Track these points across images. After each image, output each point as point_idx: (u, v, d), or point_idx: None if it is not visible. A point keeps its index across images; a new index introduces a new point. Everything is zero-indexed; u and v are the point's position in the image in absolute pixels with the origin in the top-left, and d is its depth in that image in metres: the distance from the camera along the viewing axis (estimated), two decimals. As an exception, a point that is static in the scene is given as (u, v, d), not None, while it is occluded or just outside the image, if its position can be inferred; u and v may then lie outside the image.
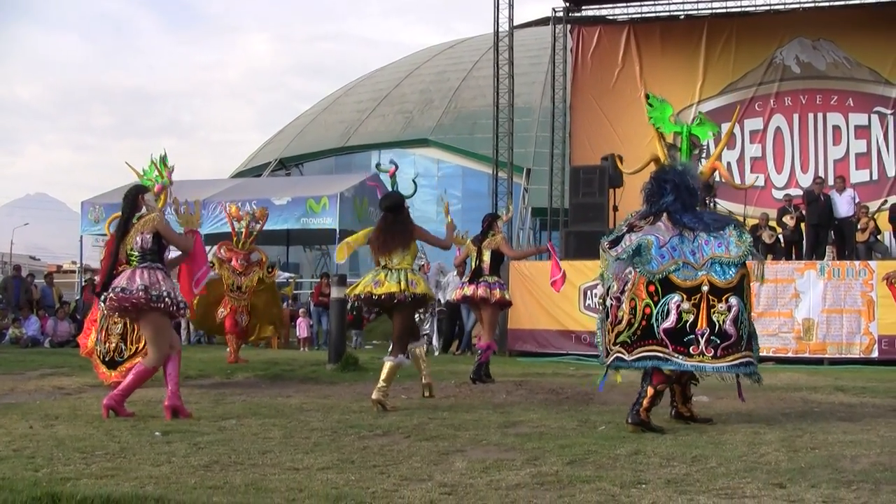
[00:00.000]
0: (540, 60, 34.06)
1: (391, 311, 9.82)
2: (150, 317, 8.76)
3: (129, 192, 9.07)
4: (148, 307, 8.67)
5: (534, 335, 18.69)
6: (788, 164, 24.75)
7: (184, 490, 5.34)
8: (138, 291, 8.62)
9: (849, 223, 20.20)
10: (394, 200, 10.10)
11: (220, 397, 10.35)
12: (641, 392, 7.97)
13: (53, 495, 4.83)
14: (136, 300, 8.61)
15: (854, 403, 10.12)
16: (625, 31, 26.34)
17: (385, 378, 9.43)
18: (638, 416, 7.88)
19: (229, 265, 15.72)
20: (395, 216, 9.95)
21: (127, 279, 8.70)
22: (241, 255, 15.79)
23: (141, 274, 8.72)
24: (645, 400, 7.89)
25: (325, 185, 26.25)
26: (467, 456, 6.59)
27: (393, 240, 9.79)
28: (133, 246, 8.82)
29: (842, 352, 17.02)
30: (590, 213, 20.07)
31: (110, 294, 8.68)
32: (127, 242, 8.85)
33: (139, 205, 8.98)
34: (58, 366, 14.19)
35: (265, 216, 16.63)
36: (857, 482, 5.61)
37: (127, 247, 8.85)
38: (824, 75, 24.89)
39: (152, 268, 8.81)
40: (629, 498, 5.23)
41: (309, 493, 5.30)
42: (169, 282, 8.87)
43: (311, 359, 16.41)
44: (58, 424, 8.08)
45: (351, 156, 39.27)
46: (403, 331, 9.81)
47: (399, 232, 9.85)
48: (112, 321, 11.32)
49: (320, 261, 36.57)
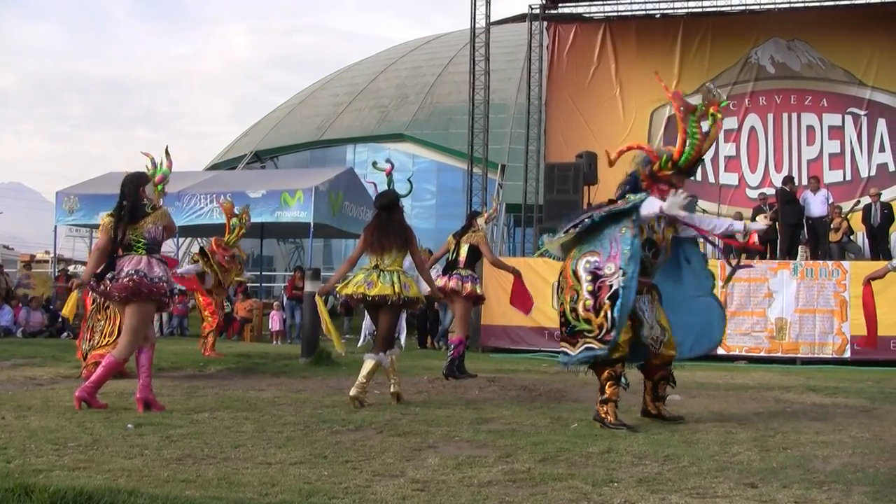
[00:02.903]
0: (516, 57, 34.09)
1: (378, 309, 9.71)
2: (146, 307, 8.75)
3: (131, 180, 8.97)
4: (158, 296, 8.71)
5: (507, 331, 18.72)
6: (762, 164, 24.85)
7: (156, 483, 5.32)
8: (161, 281, 8.68)
9: (822, 223, 20.32)
10: (389, 199, 9.97)
11: (192, 390, 10.32)
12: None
13: (26, 487, 4.79)
14: (158, 289, 8.66)
15: (826, 404, 10.17)
16: (601, 30, 26.40)
17: (365, 375, 9.38)
18: (597, 413, 8.01)
19: (216, 260, 15.67)
20: (389, 215, 9.77)
21: (146, 266, 8.67)
22: (228, 253, 15.74)
23: (158, 264, 8.76)
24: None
25: (299, 179, 26.16)
26: (440, 452, 6.59)
27: (388, 239, 9.62)
28: (145, 234, 8.78)
29: (814, 352, 17.14)
30: (564, 210, 19.98)
31: (131, 277, 8.60)
32: (139, 229, 8.79)
33: (142, 194, 8.93)
34: (30, 356, 14.12)
35: (247, 213, 16.68)
36: (828, 483, 5.63)
37: (136, 233, 8.78)
38: (799, 76, 25.02)
39: (161, 260, 8.84)
40: (601, 496, 5.23)
41: (281, 488, 5.28)
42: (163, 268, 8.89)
43: (284, 352, 16.39)
44: (30, 416, 8.02)
45: (326, 149, 39.22)
46: (389, 330, 9.72)
47: (395, 232, 9.68)
48: (97, 318, 11.33)
49: (294, 254, 36.53)
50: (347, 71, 46.30)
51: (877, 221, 20.29)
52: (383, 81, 41.69)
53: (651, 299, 8.27)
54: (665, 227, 8.26)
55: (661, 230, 8.23)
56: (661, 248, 8.26)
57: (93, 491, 4.81)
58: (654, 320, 8.20)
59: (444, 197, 34.32)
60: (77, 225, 28.16)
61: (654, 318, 8.21)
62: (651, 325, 8.19)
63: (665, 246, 8.29)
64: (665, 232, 8.27)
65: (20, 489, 4.75)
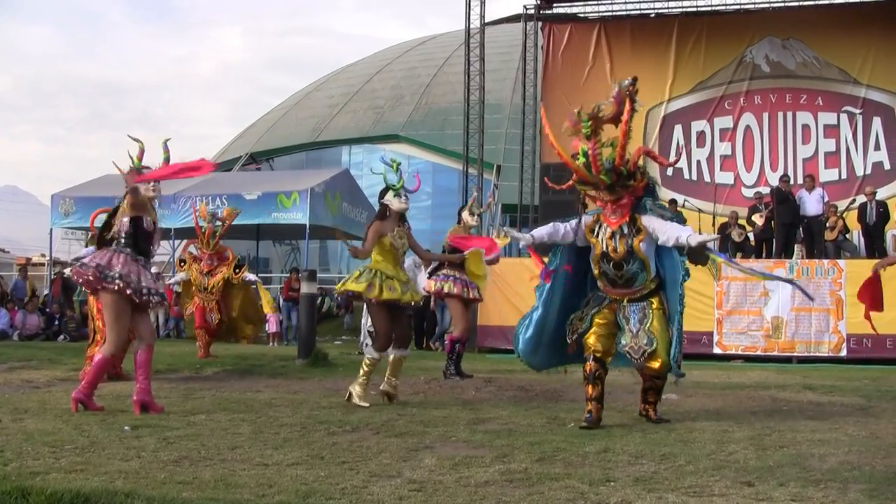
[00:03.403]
0: (511, 57, 34.06)
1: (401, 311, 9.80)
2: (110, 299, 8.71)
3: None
4: (99, 286, 8.67)
5: (503, 331, 18.68)
6: (758, 163, 24.83)
7: (153, 485, 5.32)
8: (105, 277, 8.62)
9: (818, 222, 20.33)
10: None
11: (189, 392, 10.32)
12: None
13: (23, 490, 4.80)
14: (94, 281, 8.66)
15: (822, 402, 10.18)
16: (596, 29, 26.34)
17: (391, 371, 9.64)
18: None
19: (199, 264, 15.63)
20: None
21: (107, 259, 8.70)
22: (207, 255, 15.64)
23: (124, 260, 8.74)
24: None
25: (295, 181, 26.16)
26: (436, 452, 6.59)
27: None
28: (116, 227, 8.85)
29: (810, 350, 17.15)
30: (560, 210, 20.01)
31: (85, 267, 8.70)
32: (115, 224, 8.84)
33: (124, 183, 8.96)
34: (26, 359, 14.11)
35: (233, 216, 16.51)
36: (825, 481, 5.64)
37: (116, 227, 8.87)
38: (794, 74, 24.98)
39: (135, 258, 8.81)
40: (598, 496, 5.24)
41: (278, 489, 5.29)
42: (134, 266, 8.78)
43: (281, 354, 16.37)
44: (27, 418, 8.03)
45: (321, 151, 39.20)
46: (407, 327, 9.85)
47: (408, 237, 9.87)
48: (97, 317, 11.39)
49: (290, 256, 36.50)
50: (342, 72, 46.29)
51: (872, 220, 20.30)
52: (378, 82, 41.68)
53: (645, 307, 8.21)
54: (621, 239, 8.19)
55: (616, 243, 8.19)
56: (619, 260, 8.19)
57: (90, 493, 4.82)
58: (643, 329, 8.15)
59: (439, 198, 34.24)
60: (73, 228, 28.12)
61: (641, 327, 8.16)
62: (634, 334, 8.16)
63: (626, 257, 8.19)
64: (619, 244, 8.18)
65: (17, 492, 4.76)
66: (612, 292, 8.29)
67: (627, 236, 8.14)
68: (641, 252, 8.12)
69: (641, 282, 8.22)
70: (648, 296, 8.24)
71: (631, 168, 8.05)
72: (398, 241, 9.65)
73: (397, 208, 9.68)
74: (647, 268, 8.18)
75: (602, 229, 8.27)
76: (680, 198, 22.67)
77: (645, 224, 8.11)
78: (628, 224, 8.17)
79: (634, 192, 8.16)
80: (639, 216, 8.17)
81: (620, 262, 8.17)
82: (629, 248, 8.12)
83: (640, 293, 8.23)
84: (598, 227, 8.31)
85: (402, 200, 9.69)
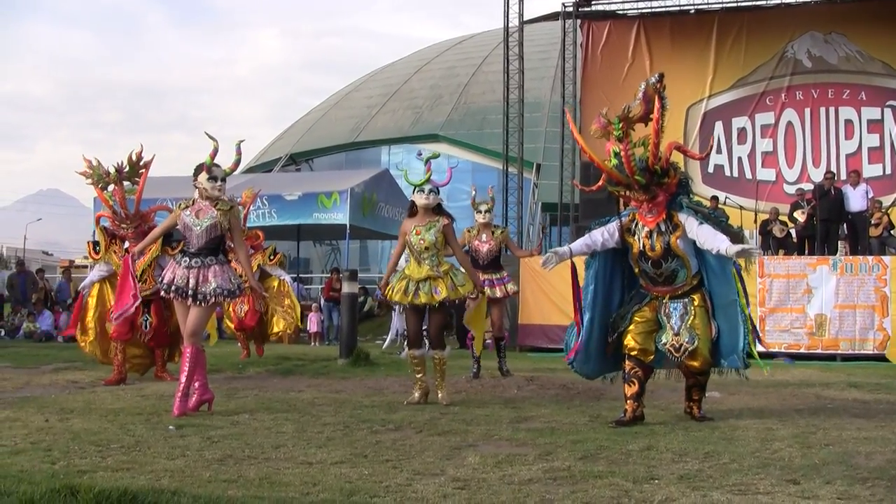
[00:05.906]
0: (549, 55, 34.06)
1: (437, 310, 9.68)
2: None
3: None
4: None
5: (544, 330, 18.68)
6: (800, 159, 24.70)
7: (199, 483, 5.35)
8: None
9: (862, 218, 20.14)
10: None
11: (232, 392, 10.36)
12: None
13: (71, 487, 4.83)
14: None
15: (868, 400, 10.09)
16: (635, 26, 26.30)
17: (433, 373, 9.68)
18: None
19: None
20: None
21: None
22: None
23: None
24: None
25: (335, 181, 26.26)
26: (479, 451, 6.59)
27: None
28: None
29: (855, 348, 16.99)
30: (600, 208, 20.00)
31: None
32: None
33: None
34: (70, 360, 14.23)
35: (253, 197, 16.30)
36: (872, 479, 5.59)
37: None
38: (836, 69, 24.84)
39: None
40: (642, 493, 5.22)
41: (323, 487, 5.30)
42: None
43: (323, 354, 16.43)
44: (73, 418, 8.09)
45: (360, 151, 39.34)
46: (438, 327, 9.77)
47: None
48: None
49: (330, 256, 36.64)
50: (381, 72, 46.41)
51: (917, 215, 20.12)
52: (417, 82, 41.75)
53: (687, 304, 8.18)
54: (658, 237, 8.15)
55: (653, 242, 8.15)
56: (657, 258, 8.17)
57: (137, 491, 4.85)
58: (684, 326, 8.12)
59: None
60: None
61: (682, 324, 8.13)
62: (676, 332, 8.13)
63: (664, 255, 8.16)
64: (657, 242, 8.14)
65: (66, 489, 4.79)
66: (654, 290, 8.26)
67: (664, 234, 8.10)
68: (679, 249, 8.07)
69: (682, 279, 8.17)
70: (690, 292, 8.20)
71: (664, 165, 8.00)
72: (415, 238, 9.56)
73: (421, 204, 9.66)
74: (686, 264, 8.14)
75: (639, 228, 8.24)
76: (721, 195, 22.55)
77: (682, 221, 8.07)
78: (665, 222, 8.13)
79: (668, 189, 8.12)
80: (675, 213, 8.12)
81: (658, 261, 8.13)
82: (666, 246, 8.08)
83: (682, 290, 8.19)
84: (635, 226, 8.27)
85: (425, 196, 9.63)
